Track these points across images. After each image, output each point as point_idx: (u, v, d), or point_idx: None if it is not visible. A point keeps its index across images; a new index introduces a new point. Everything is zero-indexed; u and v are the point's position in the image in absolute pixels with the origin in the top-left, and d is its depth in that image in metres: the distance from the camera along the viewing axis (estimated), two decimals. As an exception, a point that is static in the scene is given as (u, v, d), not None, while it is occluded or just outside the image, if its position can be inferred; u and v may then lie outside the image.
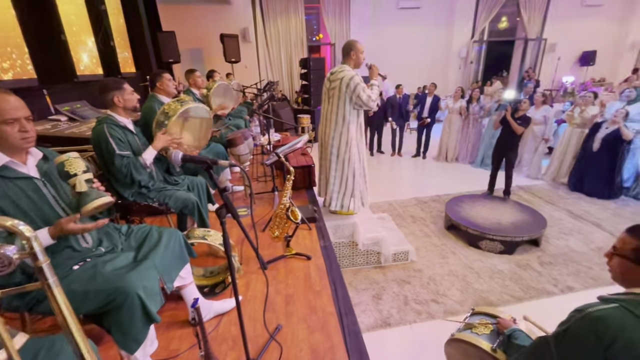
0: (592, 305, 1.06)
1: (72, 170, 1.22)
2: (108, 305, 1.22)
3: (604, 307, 1.02)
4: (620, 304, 1.01)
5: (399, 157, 6.79)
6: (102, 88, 1.92)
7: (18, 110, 1.17)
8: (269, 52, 9.03)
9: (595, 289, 2.84)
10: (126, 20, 5.27)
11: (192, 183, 2.34)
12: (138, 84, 5.16)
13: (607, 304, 1.03)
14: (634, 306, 0.99)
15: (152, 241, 1.51)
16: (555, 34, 10.17)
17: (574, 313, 1.09)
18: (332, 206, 3.08)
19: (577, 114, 4.73)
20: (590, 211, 4.21)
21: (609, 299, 1.06)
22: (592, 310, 1.03)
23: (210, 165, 1.16)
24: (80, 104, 3.56)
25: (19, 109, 1.17)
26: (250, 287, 2.03)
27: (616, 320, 0.98)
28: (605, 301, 1.05)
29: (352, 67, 2.76)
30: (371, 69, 2.86)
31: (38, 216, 1.22)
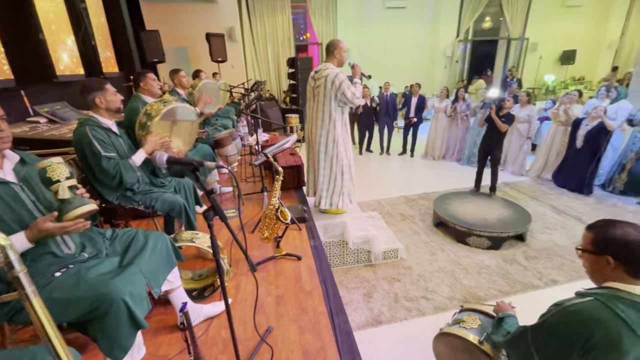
0: (569, 299, 1.10)
1: (55, 176, 1.17)
2: (93, 312, 1.19)
3: (581, 301, 1.06)
4: (595, 298, 1.04)
5: (388, 156, 6.84)
6: (83, 88, 1.86)
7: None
8: (255, 52, 8.96)
9: (578, 282, 2.93)
10: (108, 18, 5.13)
11: (179, 185, 2.30)
12: (121, 84, 5.04)
13: (583, 297, 1.07)
14: (608, 299, 1.02)
15: (138, 245, 1.47)
16: (537, 33, 10.43)
17: (553, 307, 1.13)
18: (321, 205, 3.08)
19: (562, 111, 4.86)
20: (572, 206, 4.34)
21: (585, 293, 1.09)
22: (569, 304, 1.07)
23: (197, 167, 1.14)
24: (60, 105, 3.46)
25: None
26: (240, 289, 2.01)
27: (592, 314, 1.01)
28: (582, 295, 1.09)
29: (336, 65, 2.79)
30: (354, 68, 2.90)
31: (16, 223, 1.18)
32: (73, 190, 1.19)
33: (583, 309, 1.03)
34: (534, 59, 10.69)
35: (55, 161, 1.20)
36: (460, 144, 6.15)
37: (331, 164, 2.93)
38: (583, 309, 1.03)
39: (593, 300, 1.04)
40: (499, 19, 10.59)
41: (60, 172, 1.18)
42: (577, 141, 4.52)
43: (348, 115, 2.99)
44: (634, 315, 0.99)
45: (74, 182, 1.22)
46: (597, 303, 1.03)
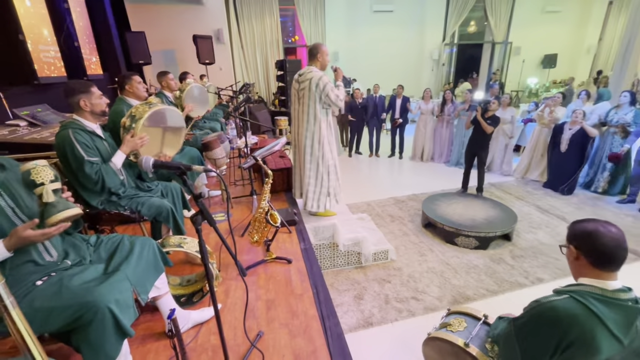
0: (547, 296, 1.14)
1: (39, 179, 1.14)
2: (76, 321, 1.15)
3: (557, 298, 1.09)
4: (570, 295, 1.08)
5: (377, 158, 6.89)
6: (68, 91, 1.81)
7: None
8: (244, 54, 8.91)
9: (562, 279, 3.00)
10: (91, 19, 5.03)
11: (166, 189, 2.26)
12: (106, 86, 4.94)
13: (560, 295, 1.11)
14: (582, 296, 1.06)
15: (124, 251, 1.44)
16: (520, 38, 10.71)
17: (532, 303, 1.17)
18: (308, 206, 3.09)
19: (547, 114, 4.99)
20: (555, 205, 4.45)
21: (562, 291, 1.14)
22: (545, 302, 1.11)
23: (184, 171, 1.12)
24: (41, 108, 3.36)
25: None
26: (230, 294, 1.98)
27: (567, 311, 1.05)
28: (559, 293, 1.13)
29: (319, 68, 2.84)
30: (336, 71, 2.95)
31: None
32: (58, 193, 1.16)
33: (558, 306, 1.07)
34: (518, 63, 10.98)
35: (40, 164, 1.17)
36: (448, 146, 6.24)
37: (317, 165, 2.95)
38: (558, 306, 1.07)
39: (568, 297, 1.08)
40: (483, 23, 10.84)
41: (44, 174, 1.15)
42: (561, 145, 4.65)
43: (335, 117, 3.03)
44: (607, 311, 1.02)
45: (58, 185, 1.18)
46: (572, 300, 1.06)
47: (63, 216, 1.13)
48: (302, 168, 3.01)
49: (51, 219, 1.11)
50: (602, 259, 1.07)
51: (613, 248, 1.05)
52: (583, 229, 1.12)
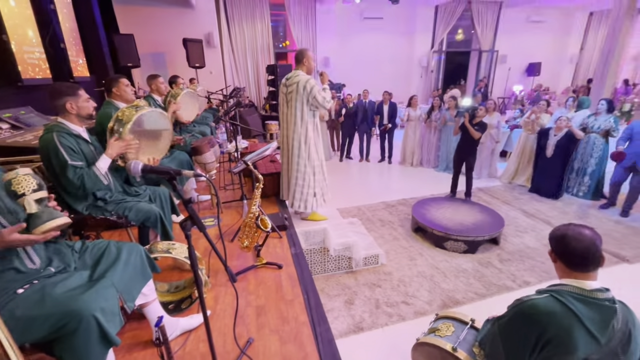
0: (529, 295, 1.18)
1: (20, 189, 1.11)
2: (59, 330, 1.12)
3: (538, 297, 1.14)
4: (550, 294, 1.13)
5: (367, 163, 6.93)
6: (54, 93, 1.77)
7: None
8: (234, 58, 8.89)
9: (548, 282, 3.02)
10: (78, 20, 4.94)
11: (155, 194, 2.22)
12: (93, 88, 4.85)
13: (541, 294, 1.15)
14: (561, 295, 1.10)
15: (110, 258, 1.40)
16: (506, 46, 11.01)
17: (515, 302, 1.21)
18: (295, 206, 3.11)
19: (533, 119, 5.12)
20: (541, 210, 4.56)
21: (543, 290, 1.18)
22: (527, 300, 1.16)
23: (174, 176, 1.11)
24: (24, 110, 3.27)
25: None
26: (219, 300, 1.95)
27: (546, 308, 1.09)
28: (540, 292, 1.18)
29: (305, 72, 2.91)
30: (322, 75, 3.04)
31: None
32: (42, 202, 1.13)
33: (538, 303, 1.11)
34: (504, 70, 11.26)
35: (22, 173, 1.13)
36: (436, 151, 6.33)
37: (305, 166, 2.98)
38: (538, 303, 1.11)
39: (549, 296, 1.12)
40: (470, 31, 11.10)
41: (26, 184, 1.11)
42: (547, 150, 4.77)
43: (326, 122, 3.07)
44: (585, 310, 1.05)
45: (43, 194, 1.15)
46: (552, 298, 1.11)
47: (46, 228, 1.10)
48: (290, 169, 3.04)
49: (35, 231, 1.08)
50: (573, 262, 1.12)
51: (581, 251, 1.10)
52: (556, 234, 1.19)
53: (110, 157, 1.90)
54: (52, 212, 1.13)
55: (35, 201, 1.11)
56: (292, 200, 3.08)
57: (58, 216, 1.13)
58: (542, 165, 4.94)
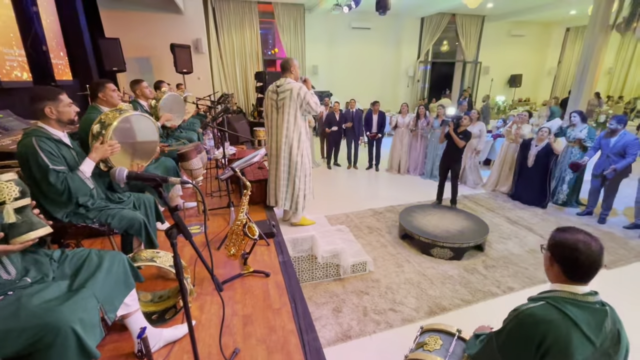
0: (524, 304, 1.18)
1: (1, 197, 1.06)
2: (35, 344, 1.07)
3: (533, 305, 1.14)
4: (546, 301, 1.13)
5: (355, 170, 6.98)
6: (34, 97, 1.72)
7: None
8: (223, 64, 8.87)
9: (531, 288, 3.13)
10: (62, 23, 4.85)
11: (139, 200, 2.17)
12: (76, 92, 4.73)
13: (536, 302, 1.15)
14: (557, 301, 1.11)
15: (91, 267, 1.36)
16: (488, 58, 11.40)
17: (511, 312, 1.21)
18: (286, 206, 3.15)
19: (514, 130, 5.29)
20: (523, 217, 4.68)
21: (537, 298, 1.18)
22: (524, 309, 1.15)
23: (160, 183, 1.09)
24: (3, 114, 3.16)
25: None
26: (205, 310, 1.91)
27: (544, 316, 1.09)
28: (534, 300, 1.17)
29: (293, 80, 3.02)
30: (306, 82, 3.13)
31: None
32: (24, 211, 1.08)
33: (536, 312, 1.11)
34: (487, 81, 11.63)
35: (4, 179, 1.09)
36: (422, 159, 6.44)
37: (296, 169, 3.04)
38: (536, 312, 1.11)
39: (544, 303, 1.12)
40: (455, 43, 11.45)
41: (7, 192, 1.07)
42: (528, 160, 4.92)
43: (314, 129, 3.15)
44: (580, 314, 1.07)
45: (24, 202, 1.10)
46: (547, 305, 1.11)
47: (26, 239, 1.06)
48: (278, 174, 3.08)
49: (13, 241, 1.04)
50: (576, 274, 1.11)
51: (588, 266, 1.08)
52: (564, 241, 1.12)
53: (93, 160, 1.85)
54: (31, 222, 1.08)
55: (16, 210, 1.06)
56: (284, 201, 3.12)
57: (39, 227, 1.08)
58: (524, 175, 5.09)
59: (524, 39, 11.80)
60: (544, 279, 3.25)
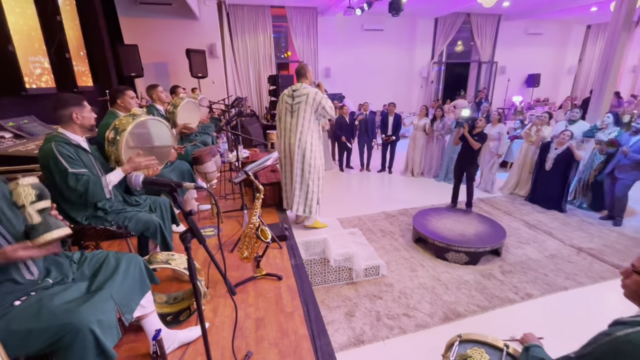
0: (618, 328, 1.01)
1: (20, 201, 1.10)
2: (56, 344, 1.10)
3: (632, 331, 0.96)
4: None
5: (368, 173, 6.94)
6: (61, 102, 1.78)
7: None
8: (237, 68, 8.99)
9: (551, 295, 3.03)
10: (84, 31, 5.03)
11: (155, 203, 2.22)
12: (96, 98, 4.89)
13: (634, 327, 0.97)
14: None
15: (109, 269, 1.39)
16: (505, 58, 11.13)
17: (601, 336, 1.04)
18: (299, 211, 3.15)
19: (534, 132, 5.14)
20: (542, 221, 4.53)
21: (632, 322, 1.00)
22: (621, 334, 0.98)
23: (175, 188, 1.11)
24: (28, 120, 3.29)
25: None
26: (218, 312, 1.93)
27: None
28: (629, 325, 1.00)
29: (309, 84, 3.09)
30: (319, 86, 3.18)
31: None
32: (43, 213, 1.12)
33: (637, 338, 0.94)
34: (503, 81, 11.37)
35: (22, 183, 1.13)
36: (437, 161, 6.34)
37: (309, 172, 3.06)
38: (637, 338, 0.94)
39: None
40: (470, 43, 11.25)
41: (25, 195, 1.11)
42: (546, 163, 4.76)
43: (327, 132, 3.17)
44: None
45: (44, 204, 1.14)
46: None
47: (46, 239, 1.09)
48: (293, 176, 3.10)
49: (34, 242, 1.08)
50: None
51: None
52: None
53: (124, 172, 1.90)
54: (49, 224, 1.12)
55: (38, 211, 1.10)
56: (298, 206, 3.14)
57: (56, 227, 1.11)
58: (541, 178, 4.93)
59: (542, 38, 11.48)
60: (564, 285, 3.14)
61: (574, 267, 3.45)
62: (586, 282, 3.20)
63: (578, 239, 4.03)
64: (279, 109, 3.15)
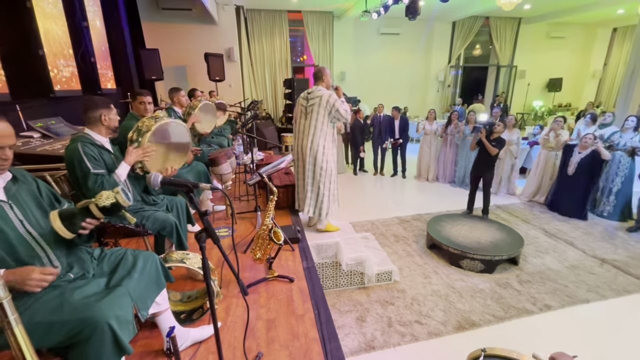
0: None
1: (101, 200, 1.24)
2: (75, 337, 1.14)
3: None
4: None
5: (381, 177, 6.89)
6: (90, 105, 1.87)
7: (5, 138, 1.15)
8: (253, 72, 9.14)
9: (571, 307, 2.91)
10: (109, 37, 5.24)
11: (172, 203, 2.27)
12: (118, 100, 5.07)
13: None
14: None
15: (126, 266, 1.44)
16: (525, 61, 10.87)
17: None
18: (309, 212, 3.18)
19: (552, 138, 4.99)
20: (563, 230, 4.37)
21: None
22: None
23: (191, 189, 1.14)
24: (55, 120, 3.45)
25: (6, 137, 1.15)
26: (230, 312, 1.95)
27: None
28: None
29: (325, 88, 3.10)
30: (337, 89, 3.17)
31: (2, 240, 1.15)
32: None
33: None
34: (523, 86, 11.10)
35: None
36: (451, 166, 6.23)
37: (321, 175, 3.07)
38: None
39: None
40: (488, 47, 11.04)
41: (106, 197, 1.23)
42: (569, 168, 4.60)
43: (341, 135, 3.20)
44: None
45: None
46: None
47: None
48: (305, 178, 3.13)
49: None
50: None
51: None
52: None
53: (129, 164, 1.97)
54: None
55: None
56: (308, 207, 3.16)
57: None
58: (563, 183, 4.77)
59: (564, 41, 11.15)
60: (586, 298, 3.02)
61: (596, 279, 3.31)
62: (609, 295, 3.07)
63: (601, 249, 3.87)
64: (295, 111, 3.21)
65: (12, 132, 1.18)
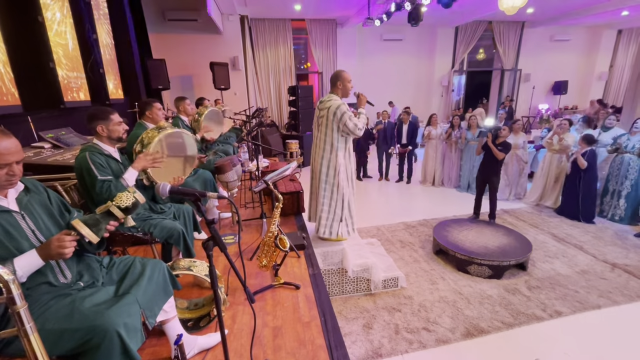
0: None
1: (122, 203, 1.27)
2: (85, 344, 1.16)
3: None
4: None
5: (387, 182, 6.88)
6: (89, 117, 1.94)
7: (12, 155, 1.16)
8: (258, 80, 9.25)
9: (582, 313, 2.86)
10: (117, 48, 5.35)
11: (179, 211, 2.30)
12: (125, 110, 5.16)
13: None
14: None
15: (135, 274, 1.45)
16: (529, 65, 10.84)
17: None
18: (320, 232, 3.08)
19: (556, 141, 4.96)
20: (572, 234, 4.31)
21: None
22: None
23: (199, 198, 1.16)
24: (65, 131, 3.52)
25: (13, 154, 1.16)
26: (237, 319, 1.96)
27: None
28: None
29: (340, 96, 2.87)
30: (359, 97, 2.95)
31: (16, 250, 1.17)
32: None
33: None
34: (528, 89, 11.05)
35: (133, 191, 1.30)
36: (457, 170, 6.20)
37: (331, 193, 2.97)
38: None
39: None
40: (492, 51, 11.05)
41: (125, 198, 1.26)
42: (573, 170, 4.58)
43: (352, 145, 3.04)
44: None
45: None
46: None
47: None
48: (317, 193, 3.04)
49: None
50: None
51: None
52: None
53: (136, 169, 2.00)
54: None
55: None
56: (318, 225, 3.07)
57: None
58: (572, 187, 4.71)
59: (568, 44, 11.11)
60: (597, 304, 2.96)
61: (608, 285, 3.25)
62: (622, 301, 3.01)
63: (612, 254, 3.81)
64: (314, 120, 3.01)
65: (19, 149, 1.18)
